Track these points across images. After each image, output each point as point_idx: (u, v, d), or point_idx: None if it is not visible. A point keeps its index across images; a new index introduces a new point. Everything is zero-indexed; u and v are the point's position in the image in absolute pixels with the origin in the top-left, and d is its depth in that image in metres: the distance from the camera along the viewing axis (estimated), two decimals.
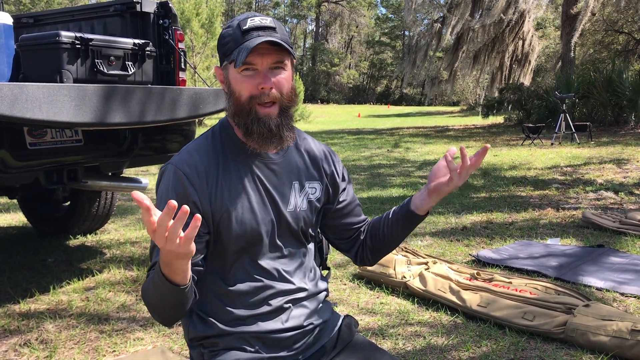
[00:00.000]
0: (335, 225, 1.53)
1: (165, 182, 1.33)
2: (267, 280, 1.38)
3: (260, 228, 1.36)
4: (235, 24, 1.31)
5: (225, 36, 1.32)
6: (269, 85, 1.29)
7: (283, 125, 1.32)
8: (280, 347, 1.38)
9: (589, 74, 14.85)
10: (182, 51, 3.60)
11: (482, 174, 7.57)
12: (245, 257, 1.37)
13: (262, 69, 1.29)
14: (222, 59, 1.34)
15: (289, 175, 1.41)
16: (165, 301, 1.22)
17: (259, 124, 1.30)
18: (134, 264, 3.74)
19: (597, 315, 2.40)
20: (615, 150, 9.23)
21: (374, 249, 1.52)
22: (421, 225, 4.66)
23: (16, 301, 3.10)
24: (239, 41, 1.28)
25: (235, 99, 1.31)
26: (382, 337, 2.55)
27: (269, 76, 1.29)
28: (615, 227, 4.23)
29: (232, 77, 1.31)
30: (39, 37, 2.99)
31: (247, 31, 1.28)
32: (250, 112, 1.30)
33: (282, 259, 1.41)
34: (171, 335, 2.62)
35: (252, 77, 1.29)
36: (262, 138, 1.31)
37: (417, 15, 19.81)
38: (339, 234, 1.54)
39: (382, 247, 1.51)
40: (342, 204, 1.52)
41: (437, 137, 14.21)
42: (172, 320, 1.30)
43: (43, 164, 3.00)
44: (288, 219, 1.40)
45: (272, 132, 1.31)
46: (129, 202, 6.17)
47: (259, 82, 1.29)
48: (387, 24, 57.79)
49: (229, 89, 1.33)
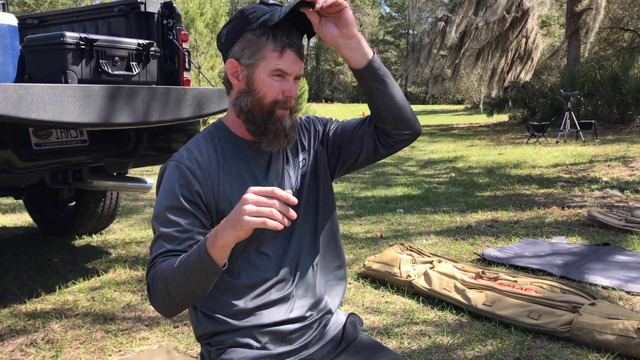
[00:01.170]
0: (351, 147, 1.47)
1: (168, 177, 1.34)
2: (270, 270, 1.39)
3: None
4: (258, 2, 1.33)
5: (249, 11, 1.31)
6: (295, 94, 1.34)
7: (292, 127, 1.37)
8: (286, 341, 1.39)
9: (594, 71, 14.79)
10: (187, 51, 3.60)
11: (486, 172, 7.56)
12: (250, 247, 1.38)
13: (291, 78, 1.33)
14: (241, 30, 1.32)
15: (280, 160, 1.44)
16: (195, 285, 1.20)
17: (276, 124, 1.33)
18: (139, 264, 3.75)
19: (603, 314, 2.39)
20: (620, 148, 9.19)
21: (391, 122, 1.41)
22: (426, 224, 4.67)
23: (22, 301, 3.11)
24: (266, 10, 1.30)
25: (258, 99, 1.33)
26: (387, 336, 2.54)
27: (294, 86, 1.34)
28: (621, 226, 4.21)
29: (259, 77, 1.32)
30: (43, 38, 3.00)
31: (273, 4, 1.31)
32: (270, 114, 1.33)
33: (285, 246, 1.42)
34: (177, 335, 2.63)
35: (279, 83, 1.32)
36: (277, 137, 1.34)
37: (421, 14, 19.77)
38: (360, 147, 1.47)
39: (391, 114, 1.40)
40: (332, 134, 1.49)
41: (441, 136, 14.18)
42: (181, 308, 1.28)
43: (48, 164, 3.01)
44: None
45: (285, 132, 1.34)
46: (134, 202, 6.19)
47: (286, 90, 1.32)
48: (390, 22, 57.75)
49: (250, 87, 1.33)
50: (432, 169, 8.26)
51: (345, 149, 1.48)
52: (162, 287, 1.24)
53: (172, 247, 1.27)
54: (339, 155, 1.49)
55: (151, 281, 1.26)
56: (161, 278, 1.24)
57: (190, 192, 1.31)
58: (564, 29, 17.60)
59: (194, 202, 1.31)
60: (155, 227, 1.30)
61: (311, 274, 1.46)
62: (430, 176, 7.56)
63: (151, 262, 1.28)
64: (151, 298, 1.28)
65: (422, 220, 4.83)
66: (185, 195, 1.30)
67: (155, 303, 1.27)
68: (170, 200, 1.31)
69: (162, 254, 1.27)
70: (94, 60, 3.01)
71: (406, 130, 1.43)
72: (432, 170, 8.19)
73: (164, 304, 1.26)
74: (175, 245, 1.27)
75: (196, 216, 1.30)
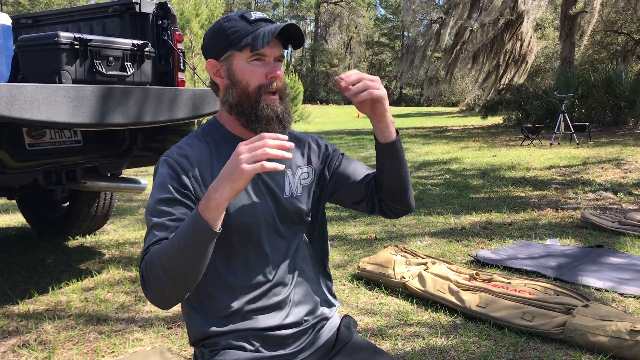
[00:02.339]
0: (347, 190, 1.50)
1: (160, 173, 1.34)
2: (266, 274, 1.38)
3: (259, 216, 1.37)
4: (237, 17, 1.34)
5: (228, 27, 1.33)
6: (279, 74, 1.34)
7: (286, 112, 1.37)
8: (280, 345, 1.38)
9: (588, 74, 14.84)
10: (181, 52, 3.60)
11: (481, 174, 7.57)
12: (245, 250, 1.37)
13: (270, 60, 1.34)
14: (224, 49, 1.34)
15: (280, 163, 1.42)
16: (191, 256, 1.17)
17: (267, 110, 1.33)
18: (132, 265, 3.74)
19: (596, 316, 2.40)
20: (614, 151, 9.23)
21: (388, 196, 1.46)
22: (420, 225, 4.67)
23: (15, 302, 3.09)
24: (249, 30, 1.31)
25: (242, 88, 1.34)
26: (381, 338, 2.54)
27: (276, 66, 1.34)
28: (614, 228, 4.23)
29: (238, 66, 1.33)
30: (37, 38, 2.99)
31: (256, 21, 1.33)
32: (258, 100, 1.34)
33: (282, 251, 1.41)
34: (170, 336, 2.62)
35: (260, 67, 1.33)
36: (270, 124, 1.34)
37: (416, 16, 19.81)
38: (355, 196, 1.50)
39: (391, 189, 1.45)
40: (340, 167, 1.51)
41: (436, 138, 14.21)
42: (177, 294, 1.23)
43: (42, 164, 3.00)
44: (286, 205, 1.41)
45: (278, 118, 1.35)
46: (127, 203, 6.17)
47: (268, 72, 1.33)
48: (386, 24, 57.83)
49: (232, 79, 1.35)
50: (427, 171, 8.27)
51: (343, 190, 1.51)
52: (156, 267, 1.19)
53: (165, 234, 1.25)
54: (335, 191, 1.52)
55: (144, 267, 1.22)
56: (155, 258, 1.20)
57: (180, 183, 1.31)
58: (559, 32, 17.66)
59: (184, 193, 1.30)
60: (148, 219, 1.30)
61: (309, 280, 1.46)
62: (425, 178, 7.57)
63: (144, 251, 1.25)
64: (145, 286, 1.23)
65: (416, 222, 4.84)
66: (175, 187, 1.30)
67: (149, 292, 1.22)
68: (161, 192, 1.30)
69: (156, 242, 1.25)
70: (88, 61, 3.00)
71: (399, 206, 1.48)
72: (426, 172, 8.21)
73: (159, 287, 1.21)
74: (169, 234, 1.25)
75: (188, 206, 1.30)
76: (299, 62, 59.33)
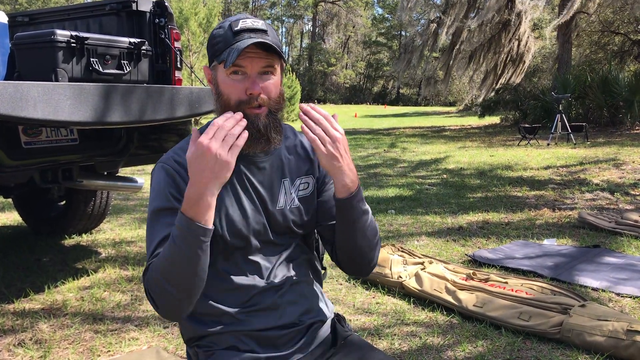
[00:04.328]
0: (320, 224, 1.48)
1: (157, 179, 1.34)
2: (259, 277, 1.38)
3: (250, 227, 1.36)
4: (227, 25, 1.30)
5: (215, 36, 1.31)
6: (257, 91, 1.27)
7: (271, 127, 1.32)
8: (275, 345, 1.38)
9: (585, 74, 14.87)
10: (178, 50, 3.59)
11: (478, 174, 7.58)
12: (238, 254, 1.37)
13: (252, 73, 1.28)
14: (211, 59, 1.33)
15: (278, 174, 1.41)
16: (188, 261, 1.18)
17: (248, 125, 1.26)
18: (129, 264, 3.73)
19: (593, 316, 2.40)
20: (611, 151, 9.25)
21: (340, 253, 1.43)
22: (417, 225, 4.67)
23: (10, 301, 3.08)
24: (230, 42, 1.27)
25: (224, 101, 1.30)
26: (378, 337, 2.54)
27: (257, 82, 1.28)
28: (611, 228, 4.23)
29: (220, 79, 1.30)
30: (34, 36, 2.97)
31: (239, 32, 1.27)
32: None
33: (276, 256, 1.41)
34: (166, 336, 2.61)
35: (240, 82, 1.28)
36: (251, 138, 1.27)
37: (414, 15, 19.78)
38: (322, 233, 1.49)
39: (342, 251, 1.42)
40: (322, 197, 1.47)
41: (433, 137, 14.22)
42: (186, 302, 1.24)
43: (38, 163, 2.99)
44: (277, 217, 1.39)
45: (260, 133, 1.30)
46: (124, 202, 6.16)
47: (247, 87, 1.27)
48: (383, 24, 57.88)
49: (216, 90, 1.33)
50: (424, 171, 8.27)
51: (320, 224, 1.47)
52: (158, 281, 1.21)
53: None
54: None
55: (147, 284, 1.23)
56: (155, 272, 1.21)
57: (178, 190, 1.30)
58: (556, 32, 17.68)
59: (180, 200, 1.28)
60: (147, 230, 1.30)
61: (303, 281, 1.45)
62: (422, 177, 7.57)
63: (146, 268, 1.27)
64: (154, 303, 1.24)
65: (413, 222, 4.83)
66: (172, 193, 1.30)
67: (159, 307, 1.24)
68: (158, 201, 1.30)
69: (155, 254, 1.26)
70: (84, 59, 2.99)
71: (351, 268, 1.46)
72: (423, 171, 8.21)
73: (167, 300, 1.22)
74: None
75: None
76: (296, 62, 59.31)
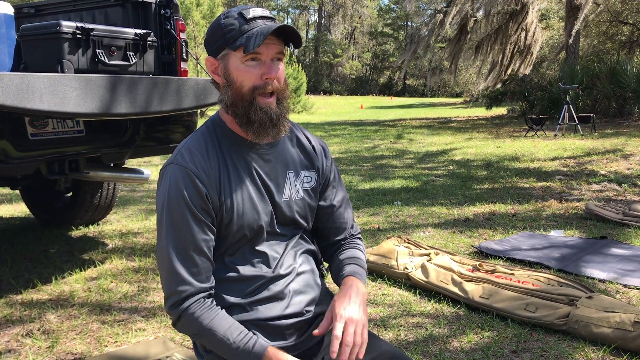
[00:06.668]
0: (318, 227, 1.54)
1: (173, 181, 1.31)
2: (266, 266, 1.39)
3: (260, 219, 1.37)
4: (236, 14, 1.30)
5: (226, 25, 1.30)
6: (274, 75, 1.30)
7: (282, 115, 1.34)
8: (282, 335, 1.38)
9: (593, 65, 14.74)
10: (184, 41, 3.58)
11: (485, 165, 7.55)
12: (245, 245, 1.38)
13: (266, 59, 1.30)
14: (220, 48, 1.32)
15: (283, 165, 1.43)
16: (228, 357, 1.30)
17: (260, 113, 1.30)
18: (136, 255, 3.74)
19: (599, 307, 2.39)
20: (618, 142, 9.19)
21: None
22: (423, 216, 4.66)
23: (18, 291, 3.10)
24: (245, 29, 1.28)
25: (236, 89, 1.31)
26: (384, 328, 2.54)
27: (273, 67, 1.30)
28: (619, 219, 4.21)
29: (233, 66, 1.30)
30: (40, 27, 2.97)
31: (252, 19, 1.29)
32: (252, 103, 1.31)
33: (281, 246, 1.42)
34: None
35: (255, 67, 1.29)
36: (263, 127, 1.31)
37: (420, 6, 19.67)
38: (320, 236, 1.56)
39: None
40: (326, 201, 1.51)
41: (440, 129, 14.17)
42: None
43: (44, 154, 2.99)
44: (283, 208, 1.41)
45: (272, 121, 1.32)
46: (131, 193, 6.18)
47: (263, 73, 1.29)
48: (389, 14, 57.55)
49: (227, 79, 1.32)
50: (431, 162, 8.25)
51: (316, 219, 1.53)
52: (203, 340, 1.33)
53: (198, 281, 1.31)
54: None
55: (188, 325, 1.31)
56: (205, 336, 1.30)
57: (201, 197, 1.30)
58: (564, 22, 17.54)
59: (206, 211, 1.31)
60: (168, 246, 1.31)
61: (309, 271, 1.46)
62: (429, 169, 7.55)
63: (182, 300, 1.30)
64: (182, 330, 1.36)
65: (419, 213, 4.83)
66: (196, 204, 1.30)
67: (187, 334, 1.39)
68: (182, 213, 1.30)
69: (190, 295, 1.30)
70: (90, 50, 2.98)
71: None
72: (430, 162, 8.19)
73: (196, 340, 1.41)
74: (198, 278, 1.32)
75: (208, 225, 1.32)
76: (302, 53, 59.14)
